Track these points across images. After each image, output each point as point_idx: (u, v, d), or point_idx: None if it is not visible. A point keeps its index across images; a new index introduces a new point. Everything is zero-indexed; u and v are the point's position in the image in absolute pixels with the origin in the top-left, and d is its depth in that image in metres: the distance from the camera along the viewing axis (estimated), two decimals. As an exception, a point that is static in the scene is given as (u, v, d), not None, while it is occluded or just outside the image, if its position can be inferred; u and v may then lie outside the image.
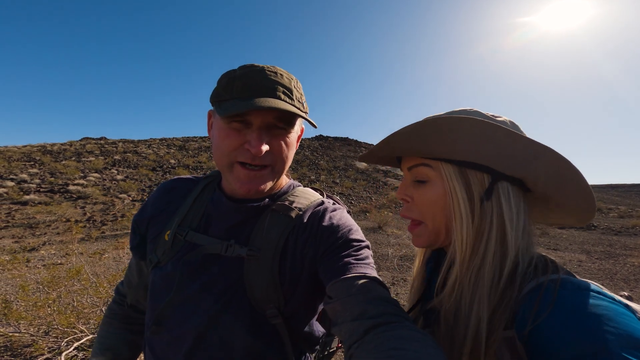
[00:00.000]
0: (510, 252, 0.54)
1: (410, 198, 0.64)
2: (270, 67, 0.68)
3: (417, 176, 0.63)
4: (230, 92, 0.65)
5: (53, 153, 21.02)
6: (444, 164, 0.58)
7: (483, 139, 0.53)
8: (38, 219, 9.37)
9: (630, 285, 5.14)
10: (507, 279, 0.53)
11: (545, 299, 0.46)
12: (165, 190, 0.85)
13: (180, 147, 28.36)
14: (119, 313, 0.92)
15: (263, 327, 0.68)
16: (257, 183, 0.69)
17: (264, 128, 0.66)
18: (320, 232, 0.72)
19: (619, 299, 0.46)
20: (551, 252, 7.40)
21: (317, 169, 23.69)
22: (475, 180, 0.57)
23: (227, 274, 0.69)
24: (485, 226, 0.56)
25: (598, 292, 0.45)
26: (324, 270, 0.67)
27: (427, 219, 0.62)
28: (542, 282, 0.49)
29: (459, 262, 0.57)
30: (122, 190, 13.95)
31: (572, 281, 0.48)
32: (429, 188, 0.61)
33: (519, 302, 0.49)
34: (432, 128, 0.55)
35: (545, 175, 0.54)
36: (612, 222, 12.75)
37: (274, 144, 0.68)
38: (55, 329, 2.70)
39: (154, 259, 0.75)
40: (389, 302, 0.56)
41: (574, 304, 0.44)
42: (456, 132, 0.54)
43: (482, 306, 0.52)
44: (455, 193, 0.57)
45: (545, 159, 0.52)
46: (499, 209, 0.56)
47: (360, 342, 0.49)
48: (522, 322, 0.47)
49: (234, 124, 0.66)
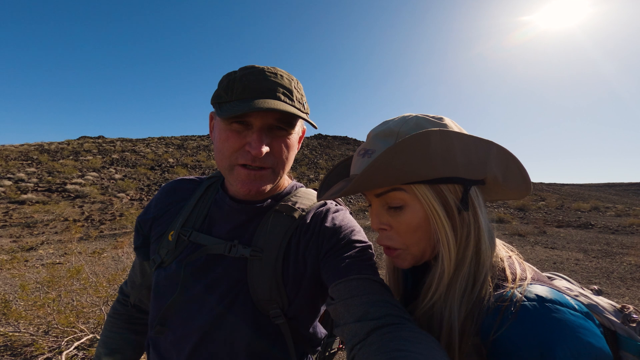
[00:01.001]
0: (485, 260, 0.55)
1: (388, 226, 0.61)
2: (271, 68, 0.68)
3: (390, 202, 0.59)
4: (231, 94, 0.64)
5: (50, 152, 20.92)
6: (417, 185, 0.56)
7: (451, 150, 0.53)
8: (36, 218, 9.34)
9: (626, 283, 5.18)
10: (479, 288, 0.54)
11: (508, 311, 0.48)
12: (168, 191, 0.85)
13: (179, 146, 28.28)
14: (123, 313, 0.92)
15: (266, 328, 0.69)
16: (258, 184, 0.69)
17: (264, 129, 0.66)
18: (322, 232, 0.72)
19: (580, 305, 0.49)
20: (548, 251, 7.44)
21: (316, 168, 23.68)
22: (450, 194, 0.56)
23: (231, 274, 0.70)
24: (464, 236, 0.56)
25: (560, 303, 0.47)
26: (326, 271, 0.67)
27: (411, 245, 0.60)
28: (508, 293, 0.50)
29: (445, 275, 0.56)
30: (120, 189, 13.91)
31: (536, 292, 0.49)
32: (409, 214, 0.57)
33: (485, 311, 0.51)
34: (401, 157, 0.52)
35: (497, 169, 0.56)
36: (609, 220, 12.82)
37: (275, 145, 0.68)
38: (55, 329, 2.70)
39: (158, 259, 0.75)
40: (391, 304, 0.56)
41: (532, 316, 0.46)
42: (426, 151, 0.52)
43: (453, 315, 0.53)
44: (437, 213, 0.55)
45: (495, 154, 0.55)
46: (475, 216, 0.56)
47: (362, 343, 0.49)
48: (486, 330, 0.49)
49: (235, 125, 0.65)
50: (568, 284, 0.65)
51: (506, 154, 0.56)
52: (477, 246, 0.56)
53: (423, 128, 0.56)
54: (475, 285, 0.54)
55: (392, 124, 0.59)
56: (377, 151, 0.58)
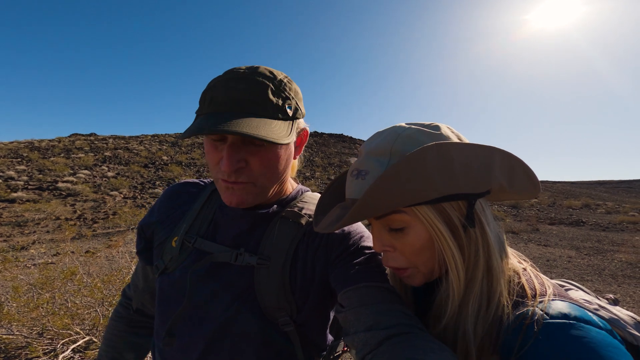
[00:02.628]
0: (498, 277, 0.52)
1: (391, 248, 0.59)
2: (247, 72, 0.63)
3: (390, 224, 0.57)
4: (202, 106, 0.61)
5: (41, 149, 20.54)
6: (418, 207, 0.53)
7: (450, 165, 0.50)
8: (27, 217, 9.17)
9: (617, 280, 5.29)
10: (494, 307, 0.51)
11: (530, 330, 0.46)
12: (171, 194, 0.84)
13: (173, 143, 28.00)
14: (125, 316, 0.91)
15: (274, 335, 0.68)
16: (238, 196, 0.66)
17: (237, 144, 0.62)
18: (331, 239, 0.71)
19: (603, 322, 0.46)
20: (542, 248, 7.56)
21: (312, 166, 23.66)
22: (454, 212, 0.53)
23: (237, 282, 0.68)
24: (472, 254, 0.53)
25: (584, 320, 0.45)
26: (335, 278, 0.66)
27: (418, 265, 0.58)
28: (529, 310, 0.48)
29: (455, 297, 0.54)
30: (113, 187, 13.73)
31: (559, 309, 0.47)
32: (412, 235, 0.55)
33: (505, 330, 0.49)
34: (397, 182, 0.49)
35: (502, 176, 0.54)
36: (600, 218, 13.07)
37: (251, 160, 0.64)
38: (50, 331, 2.66)
39: (161, 264, 0.74)
40: (402, 312, 0.55)
41: (557, 335, 0.44)
42: (424, 171, 0.49)
43: (469, 336, 0.51)
44: (441, 233, 0.53)
45: (499, 161, 0.53)
46: (482, 231, 0.54)
47: (374, 353, 0.48)
48: (508, 350, 0.47)
49: (212, 137, 0.63)
50: (584, 294, 0.63)
51: (511, 158, 0.53)
52: (488, 263, 0.53)
53: (418, 143, 0.53)
54: (490, 304, 0.52)
55: (384, 140, 0.56)
56: (371, 172, 0.55)
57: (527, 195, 0.60)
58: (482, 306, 0.52)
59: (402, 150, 0.53)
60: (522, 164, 0.54)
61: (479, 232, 0.53)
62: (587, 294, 0.63)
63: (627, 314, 0.57)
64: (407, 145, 0.53)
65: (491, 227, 0.55)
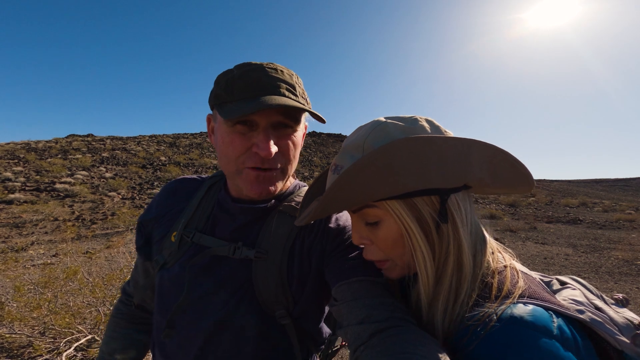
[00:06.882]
0: (467, 274, 0.52)
1: (369, 241, 0.59)
2: (269, 64, 0.65)
3: (366, 218, 0.57)
4: (232, 94, 0.62)
5: (38, 150, 20.42)
6: (389, 201, 0.53)
7: (421, 159, 0.48)
8: (24, 218, 9.12)
9: (614, 278, 5.34)
10: (460, 304, 0.51)
11: (475, 332, 0.46)
12: (169, 190, 0.84)
13: (171, 144, 27.92)
14: (126, 313, 0.91)
15: (272, 328, 0.69)
16: (268, 185, 0.68)
17: (269, 128, 0.64)
18: (326, 233, 0.72)
19: (564, 328, 0.44)
20: (539, 246, 7.61)
21: (311, 165, 23.67)
22: (425, 207, 0.52)
23: (236, 276, 0.69)
24: (443, 251, 0.53)
25: (535, 327, 0.43)
26: (330, 272, 0.68)
27: (394, 258, 0.58)
28: (481, 312, 0.47)
29: (423, 293, 0.55)
30: (111, 188, 13.67)
31: (513, 313, 0.45)
32: (384, 229, 0.55)
33: (458, 329, 0.49)
34: (362, 176, 0.49)
35: (482, 170, 0.52)
36: (596, 216, 13.16)
37: (282, 144, 0.66)
38: (52, 330, 2.67)
39: (160, 259, 0.75)
40: (394, 306, 0.55)
41: (496, 340, 0.43)
42: (391, 166, 0.48)
43: (437, 331, 0.52)
44: (410, 229, 0.52)
45: (476, 154, 0.50)
46: (454, 228, 0.52)
47: (365, 345, 0.49)
48: (454, 349, 0.48)
49: (238, 126, 0.63)
50: (578, 293, 0.58)
51: (493, 150, 0.50)
52: (459, 260, 0.52)
53: (390, 137, 0.52)
54: (456, 301, 0.51)
55: (360, 135, 0.56)
56: (344, 167, 0.55)
57: (522, 188, 0.57)
58: (449, 302, 0.52)
59: (374, 145, 0.53)
60: (504, 154, 0.51)
61: (452, 228, 0.52)
62: (586, 292, 0.60)
63: (625, 316, 0.54)
64: (379, 140, 0.53)
65: (467, 223, 0.53)
